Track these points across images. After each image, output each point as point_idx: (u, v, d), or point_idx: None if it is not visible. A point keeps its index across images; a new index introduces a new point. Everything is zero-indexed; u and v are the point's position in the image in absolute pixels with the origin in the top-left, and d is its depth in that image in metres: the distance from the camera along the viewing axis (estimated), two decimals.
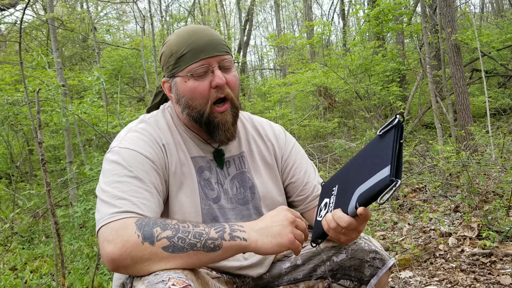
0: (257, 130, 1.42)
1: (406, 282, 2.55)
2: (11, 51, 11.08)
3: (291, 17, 21.86)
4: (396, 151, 0.96)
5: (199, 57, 1.17)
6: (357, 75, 9.29)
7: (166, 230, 0.96)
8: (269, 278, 1.34)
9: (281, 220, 1.03)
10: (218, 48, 1.19)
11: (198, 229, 0.98)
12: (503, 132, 7.02)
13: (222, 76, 1.18)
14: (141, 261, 0.94)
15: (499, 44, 9.33)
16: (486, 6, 19.62)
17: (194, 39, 1.19)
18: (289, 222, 1.03)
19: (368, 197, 0.98)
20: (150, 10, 7.09)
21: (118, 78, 9.30)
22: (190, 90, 1.20)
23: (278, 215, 1.05)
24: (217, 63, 1.19)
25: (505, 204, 3.34)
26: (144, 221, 0.98)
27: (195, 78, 1.19)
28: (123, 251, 0.94)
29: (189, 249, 0.95)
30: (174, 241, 0.94)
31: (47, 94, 4.18)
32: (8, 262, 4.11)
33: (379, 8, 8.03)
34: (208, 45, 1.18)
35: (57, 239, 2.60)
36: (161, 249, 0.94)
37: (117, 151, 1.14)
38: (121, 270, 0.97)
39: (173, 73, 1.22)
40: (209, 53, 1.18)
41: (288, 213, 1.05)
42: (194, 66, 1.18)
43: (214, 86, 1.18)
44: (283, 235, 1.00)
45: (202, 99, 1.20)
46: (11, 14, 8.72)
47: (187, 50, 1.18)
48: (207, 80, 1.19)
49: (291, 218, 1.04)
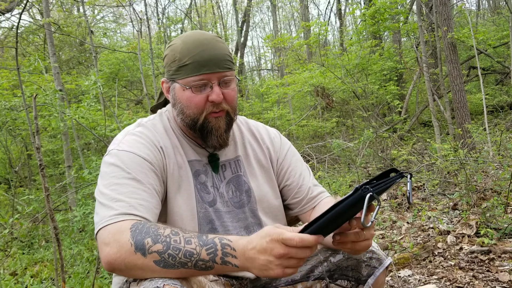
0: (253, 134, 1.43)
1: (405, 281, 2.56)
2: (8, 56, 11.07)
3: (287, 17, 21.88)
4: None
5: (200, 71, 1.18)
6: (354, 74, 9.30)
7: (157, 243, 0.95)
8: (266, 279, 1.34)
9: (267, 255, 0.90)
10: (221, 64, 1.20)
11: (189, 246, 0.94)
12: (500, 129, 7.04)
13: (220, 93, 1.19)
14: (134, 269, 0.96)
15: (495, 42, 9.35)
16: (482, 3, 19.66)
17: (198, 51, 1.18)
18: (275, 258, 0.89)
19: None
20: (146, 12, 7.09)
21: (115, 81, 9.29)
22: (187, 99, 1.21)
23: (265, 248, 0.90)
24: (217, 79, 1.20)
25: (503, 201, 3.35)
26: (138, 227, 0.98)
27: (193, 90, 1.20)
28: (118, 256, 0.96)
29: (179, 267, 0.94)
30: (165, 258, 0.94)
31: (44, 99, 4.18)
32: (8, 267, 4.10)
33: (375, 7, 8.05)
34: (211, 61, 1.19)
35: (56, 244, 2.61)
36: (153, 262, 0.94)
37: (115, 153, 1.15)
38: (117, 272, 0.99)
39: (173, 78, 1.23)
40: (210, 68, 1.19)
41: (276, 246, 0.89)
42: (194, 79, 1.19)
43: (211, 101, 1.20)
44: (269, 271, 0.91)
45: (197, 110, 1.21)
46: (8, 19, 8.71)
47: (190, 62, 1.19)
48: (205, 94, 1.20)
49: (278, 254, 0.89)
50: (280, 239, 0.89)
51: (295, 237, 0.88)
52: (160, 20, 9.62)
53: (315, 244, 0.89)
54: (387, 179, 0.96)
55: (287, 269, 0.91)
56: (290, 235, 0.88)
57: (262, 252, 0.90)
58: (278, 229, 0.91)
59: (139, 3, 12.65)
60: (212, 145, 1.26)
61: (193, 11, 15.34)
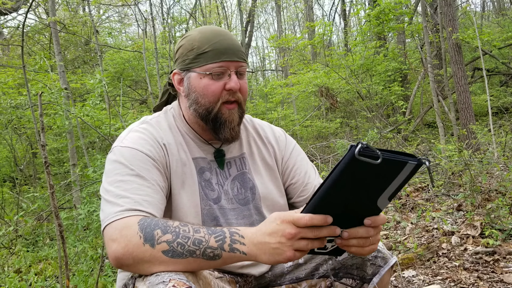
0: (258, 132, 1.43)
1: (409, 281, 2.56)
2: (14, 55, 11.13)
3: (292, 18, 21.88)
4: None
5: (220, 58, 1.20)
6: (359, 75, 9.29)
7: (166, 233, 0.95)
8: (271, 277, 1.34)
9: (279, 236, 0.90)
10: (238, 54, 1.23)
11: (198, 235, 0.96)
12: (505, 130, 7.01)
13: (238, 81, 1.22)
14: (142, 262, 0.96)
15: (500, 43, 9.31)
16: (487, 4, 19.60)
17: (218, 40, 1.22)
18: (286, 239, 0.90)
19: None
20: (151, 12, 7.11)
21: (120, 80, 9.32)
22: (204, 87, 1.22)
23: (276, 231, 0.91)
24: (235, 68, 1.22)
25: (507, 202, 3.34)
26: (147, 221, 0.99)
27: (212, 78, 1.21)
28: (125, 251, 0.97)
29: (188, 255, 0.95)
30: (174, 246, 0.94)
31: (50, 97, 4.20)
32: (12, 265, 4.12)
33: (379, 8, 8.03)
34: (230, 49, 1.22)
35: (61, 242, 2.62)
36: (161, 252, 0.95)
37: (118, 150, 1.16)
38: (124, 268, 1.00)
39: (189, 67, 1.24)
40: (230, 56, 1.21)
41: (287, 226, 0.90)
42: (214, 65, 1.21)
43: (228, 89, 1.21)
44: (281, 254, 0.91)
45: (213, 98, 1.22)
46: (14, 18, 8.75)
47: (210, 49, 1.21)
48: (222, 82, 1.22)
49: (289, 234, 0.89)
50: (291, 220, 0.89)
51: (305, 216, 0.89)
52: (165, 20, 9.63)
53: (324, 222, 0.89)
54: (400, 155, 0.84)
55: (297, 252, 0.91)
56: (300, 215, 0.89)
57: (273, 234, 0.91)
58: (286, 212, 0.93)
59: (144, 3, 12.66)
60: (224, 138, 1.26)
61: (198, 11, 15.36)
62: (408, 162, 0.83)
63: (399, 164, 0.83)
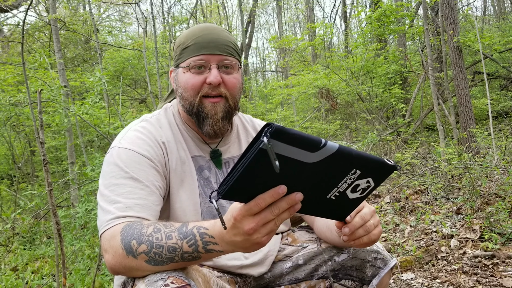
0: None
1: (408, 284, 2.55)
2: (13, 52, 11.12)
3: (293, 19, 21.90)
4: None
5: (200, 51, 1.20)
6: (359, 77, 9.28)
7: (141, 244, 0.94)
8: (270, 278, 1.33)
9: (242, 235, 0.84)
10: (222, 48, 1.21)
11: (170, 242, 0.93)
12: (505, 134, 7.00)
13: (218, 75, 1.19)
14: (132, 270, 0.97)
15: (501, 47, 9.32)
16: (488, 8, 19.63)
17: (201, 34, 1.21)
18: (249, 235, 0.83)
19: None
20: (152, 12, 7.10)
21: (120, 79, 9.31)
22: (185, 81, 1.22)
23: (237, 231, 0.85)
24: (216, 62, 1.21)
25: (507, 206, 3.33)
26: (126, 230, 0.99)
27: (192, 72, 1.21)
28: (115, 261, 0.98)
29: (169, 262, 0.94)
30: (152, 256, 0.94)
31: (49, 95, 4.19)
32: (9, 263, 4.11)
33: (380, 10, 8.03)
34: (212, 43, 1.20)
35: (58, 240, 2.60)
36: (144, 262, 0.95)
37: (116, 151, 1.16)
38: (122, 275, 1.02)
39: (178, 63, 1.25)
40: (211, 50, 1.20)
41: (244, 223, 0.83)
42: (194, 59, 1.20)
43: (208, 83, 1.20)
44: (254, 245, 0.87)
45: (193, 91, 1.21)
46: (14, 16, 8.73)
47: (192, 43, 1.21)
48: (203, 76, 1.21)
49: (250, 229, 0.82)
50: (244, 213, 0.81)
51: (256, 202, 0.79)
52: (166, 19, 9.64)
53: (277, 195, 0.78)
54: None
55: (270, 234, 0.85)
56: (250, 203, 0.80)
57: (236, 234, 0.85)
58: (236, 208, 0.84)
59: (145, 2, 12.69)
60: (206, 132, 1.24)
61: (199, 11, 15.36)
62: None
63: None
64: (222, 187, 0.77)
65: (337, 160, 0.80)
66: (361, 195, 0.92)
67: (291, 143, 0.72)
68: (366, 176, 0.87)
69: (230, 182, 0.76)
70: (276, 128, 0.69)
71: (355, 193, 0.91)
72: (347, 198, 0.91)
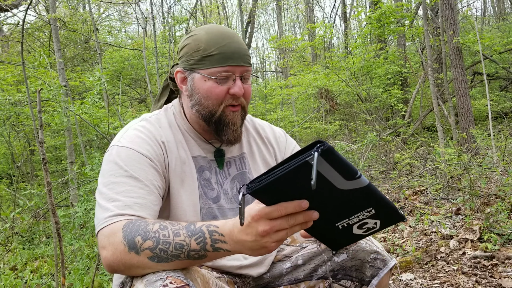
0: (258, 132, 1.42)
1: (407, 285, 2.54)
2: (13, 51, 11.11)
3: (292, 19, 21.90)
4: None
5: (226, 62, 1.18)
6: (359, 77, 9.28)
7: (146, 240, 0.94)
8: (269, 278, 1.33)
9: (254, 235, 0.86)
10: (244, 58, 1.21)
11: (178, 239, 0.94)
12: (504, 135, 7.01)
13: (242, 87, 1.20)
14: (132, 268, 0.96)
15: (500, 47, 9.32)
16: (488, 9, 19.65)
17: (226, 43, 1.19)
18: (262, 237, 0.85)
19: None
20: (152, 11, 7.09)
21: (119, 79, 9.30)
22: (207, 90, 1.20)
23: (250, 230, 0.87)
24: (240, 73, 1.21)
25: (506, 207, 3.33)
26: (129, 226, 0.98)
27: (216, 81, 1.20)
28: (114, 258, 0.97)
29: (173, 259, 0.94)
30: (157, 253, 0.94)
31: (49, 94, 4.18)
32: (8, 262, 4.10)
33: (380, 11, 8.04)
34: (237, 53, 1.20)
35: (57, 239, 2.60)
36: (147, 259, 0.94)
37: (115, 150, 1.15)
38: (119, 273, 1.01)
39: (194, 68, 1.22)
40: (236, 61, 1.19)
41: (260, 224, 0.85)
42: (219, 70, 1.19)
43: (232, 94, 1.20)
44: (262, 249, 0.88)
45: (216, 101, 1.21)
46: (14, 15, 8.72)
47: (216, 52, 1.19)
48: (226, 86, 1.20)
49: (263, 232, 0.84)
50: (263, 215, 0.83)
51: (279, 207, 0.82)
52: (165, 19, 9.63)
53: (299, 208, 0.82)
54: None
55: (279, 242, 0.87)
56: (273, 207, 0.82)
57: (248, 233, 0.87)
58: (257, 206, 0.85)
59: (145, 1, 12.67)
60: (227, 140, 1.25)
61: (198, 11, 15.35)
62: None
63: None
64: (254, 183, 0.80)
65: (362, 194, 0.83)
66: (363, 233, 0.95)
67: (334, 165, 0.76)
68: (377, 217, 0.90)
69: (264, 182, 0.78)
70: (329, 147, 0.73)
71: (359, 230, 0.94)
72: (350, 232, 0.94)
